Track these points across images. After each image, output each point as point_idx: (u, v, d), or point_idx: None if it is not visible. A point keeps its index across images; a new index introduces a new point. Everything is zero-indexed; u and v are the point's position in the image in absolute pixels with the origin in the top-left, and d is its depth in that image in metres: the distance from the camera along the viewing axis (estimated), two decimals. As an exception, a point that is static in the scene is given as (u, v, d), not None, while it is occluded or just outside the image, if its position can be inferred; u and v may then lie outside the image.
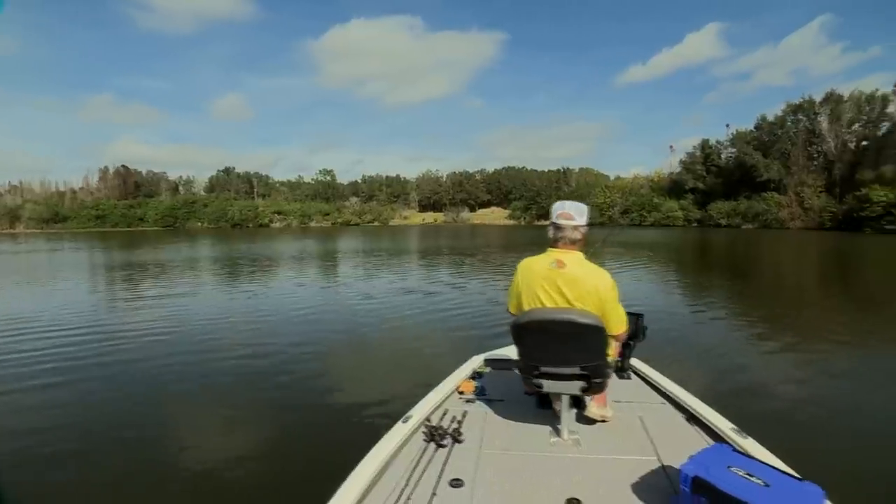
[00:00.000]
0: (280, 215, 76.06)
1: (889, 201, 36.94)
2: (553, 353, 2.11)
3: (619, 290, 2.11)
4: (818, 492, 1.43)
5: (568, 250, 2.09)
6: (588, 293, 2.01)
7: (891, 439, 3.60)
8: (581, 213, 2.12)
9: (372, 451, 1.98)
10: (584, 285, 2.02)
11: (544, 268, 2.09)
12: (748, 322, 7.84)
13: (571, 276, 2.03)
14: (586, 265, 2.08)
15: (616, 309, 2.08)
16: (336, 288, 12.00)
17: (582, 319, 1.99)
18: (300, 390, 4.79)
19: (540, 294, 2.09)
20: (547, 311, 2.06)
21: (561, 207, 2.14)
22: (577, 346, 2.04)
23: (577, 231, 2.09)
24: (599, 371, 2.07)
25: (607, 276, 2.06)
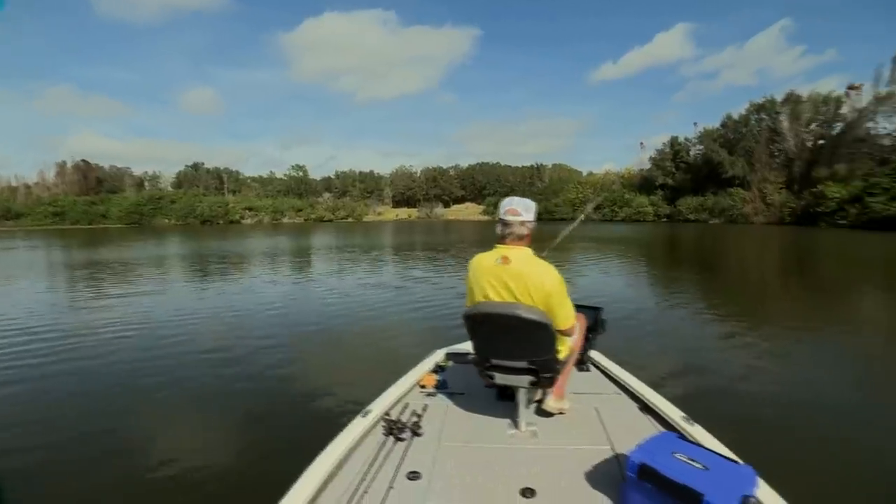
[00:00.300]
0: (251, 211, 74.20)
1: (842, 198, 38.75)
2: (502, 347, 2.15)
3: (567, 285, 2.15)
4: (751, 473, 1.52)
5: (515, 246, 2.11)
6: (534, 288, 2.04)
7: (828, 423, 3.81)
8: (528, 209, 2.13)
9: (330, 446, 1.98)
10: (529, 281, 2.04)
11: (491, 264, 2.12)
12: (708, 314, 8.12)
13: (517, 272, 2.06)
14: (533, 261, 2.10)
15: (563, 304, 2.10)
16: (306, 284, 11.88)
17: (528, 315, 2.01)
18: (263, 385, 4.75)
19: (487, 290, 2.12)
20: (495, 305, 2.08)
21: (508, 204, 2.15)
22: (524, 341, 2.08)
23: (525, 227, 2.11)
24: (547, 366, 2.10)
25: (553, 271, 2.08)
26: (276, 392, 4.57)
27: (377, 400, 2.43)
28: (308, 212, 77.40)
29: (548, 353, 2.09)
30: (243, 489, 2.88)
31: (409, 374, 2.81)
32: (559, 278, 2.08)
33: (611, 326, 3.08)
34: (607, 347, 3.20)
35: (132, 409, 4.26)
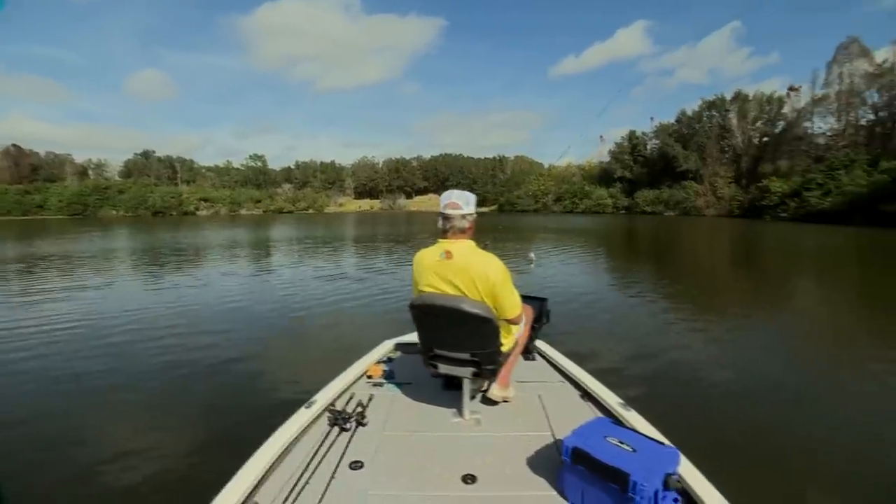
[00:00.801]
0: (207, 203, 71.37)
1: (784, 192, 41.18)
2: (445, 338, 2.17)
3: (515, 275, 2.18)
4: (675, 453, 1.60)
5: (457, 240, 2.12)
6: (479, 280, 2.05)
7: (752, 403, 4.07)
8: (468, 202, 2.14)
9: (272, 437, 1.96)
10: (473, 273, 2.05)
11: (433, 259, 2.12)
12: (656, 303, 8.44)
13: (461, 266, 2.07)
14: (475, 253, 2.11)
15: (508, 294, 2.11)
16: (261, 276, 11.60)
17: (471, 309, 2.03)
18: (210, 378, 4.64)
19: (434, 283, 2.13)
20: (440, 297, 2.10)
21: (448, 197, 2.15)
22: (467, 334, 2.09)
23: (465, 220, 2.11)
24: (490, 358, 2.13)
25: (497, 262, 2.10)
26: (223, 384, 4.48)
27: (322, 391, 2.41)
28: (267, 203, 75.30)
29: (490, 346, 2.11)
30: (185, 481, 2.85)
31: (356, 365, 2.80)
32: (503, 269, 2.09)
33: (564, 316, 3.17)
34: (558, 335, 3.28)
35: (73, 405, 4.08)
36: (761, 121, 53.76)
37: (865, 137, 44.51)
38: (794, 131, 49.75)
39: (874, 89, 44.29)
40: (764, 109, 53.43)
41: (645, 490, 1.44)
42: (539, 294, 2.98)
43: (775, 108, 52.91)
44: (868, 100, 45.04)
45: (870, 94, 44.82)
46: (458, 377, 2.26)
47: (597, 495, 1.57)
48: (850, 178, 35.23)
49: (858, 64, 45.23)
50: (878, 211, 29.42)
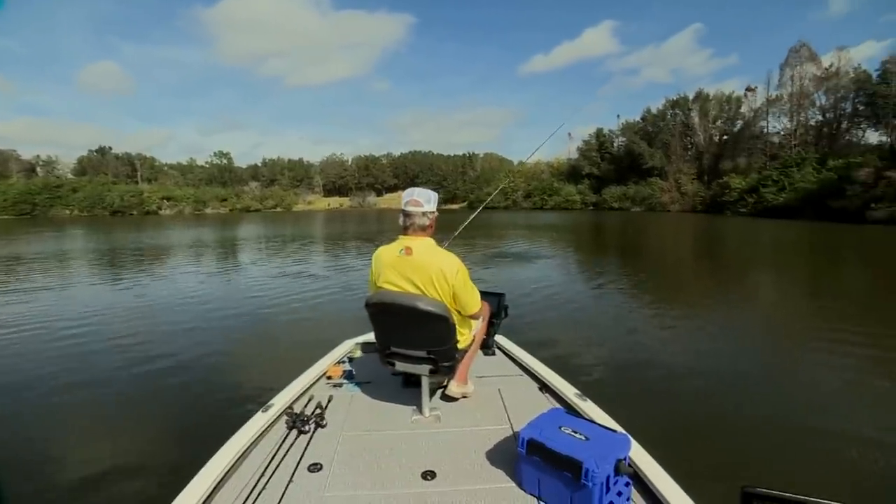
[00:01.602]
0: (170, 201, 68.70)
1: (742, 188, 42.93)
2: (401, 335, 2.17)
3: (469, 272, 2.19)
4: (626, 439, 1.65)
5: (417, 237, 2.13)
6: (437, 277, 2.06)
7: (706, 388, 4.28)
8: (429, 200, 2.15)
9: (228, 442, 1.91)
10: (430, 270, 2.07)
11: (393, 256, 2.13)
12: (616, 294, 8.71)
13: (419, 263, 2.08)
14: (434, 251, 2.12)
15: (466, 291, 2.13)
16: (223, 277, 11.34)
17: (427, 307, 2.03)
18: (168, 382, 4.53)
19: (393, 280, 2.13)
20: (394, 295, 2.10)
21: (410, 195, 2.16)
22: (423, 332, 2.10)
23: (426, 217, 2.13)
24: (446, 356, 2.13)
25: (455, 260, 2.11)
26: (180, 389, 4.38)
27: (280, 393, 2.38)
28: (234, 201, 73.14)
29: (446, 344, 2.11)
30: (139, 489, 2.79)
31: (316, 366, 2.76)
32: (461, 266, 2.11)
33: (527, 309, 3.21)
34: (522, 329, 3.32)
35: (24, 411, 3.95)
36: (721, 120, 55.85)
37: (815, 137, 46.96)
38: (751, 130, 51.98)
39: (822, 91, 46.72)
40: (723, 109, 55.52)
41: (597, 476, 1.48)
42: (497, 289, 3.01)
43: (734, 108, 55.09)
44: (816, 101, 47.51)
45: (818, 96, 47.29)
46: (417, 375, 2.26)
47: (552, 484, 1.60)
48: (802, 175, 37.14)
49: (807, 67, 47.62)
50: (826, 206, 31.07)
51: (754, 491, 1.08)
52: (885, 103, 39.59)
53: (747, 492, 1.09)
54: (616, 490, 1.55)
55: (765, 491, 1.07)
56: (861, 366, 4.97)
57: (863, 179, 29.80)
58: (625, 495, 1.58)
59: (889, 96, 39.12)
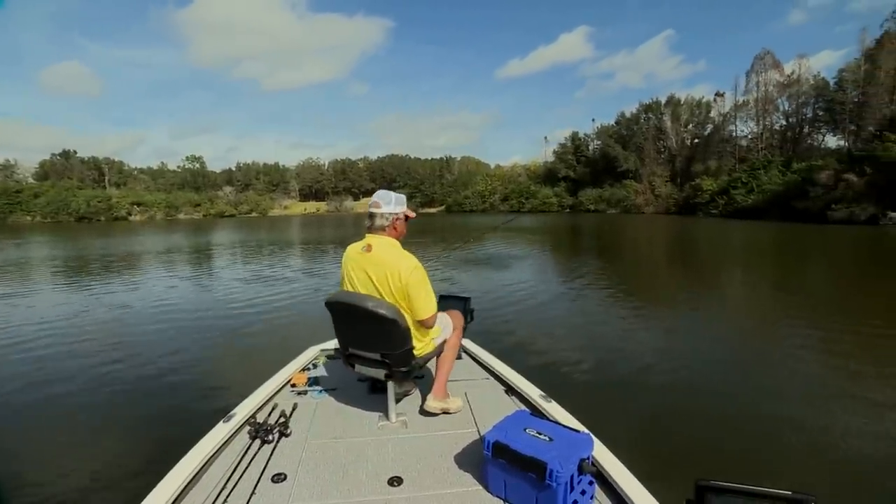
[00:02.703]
0: (141, 207, 66.75)
1: (713, 190, 44.21)
2: (357, 336, 2.16)
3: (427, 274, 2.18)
4: (589, 438, 1.68)
5: (379, 236, 2.17)
6: (390, 275, 2.07)
7: (668, 385, 4.37)
8: (389, 202, 2.18)
9: (187, 455, 1.85)
10: (386, 268, 2.08)
11: (356, 252, 2.18)
12: (584, 296, 8.83)
13: (377, 260, 2.11)
14: (393, 250, 2.13)
15: (421, 293, 2.11)
16: (190, 283, 11.10)
17: (376, 309, 2.01)
18: (127, 393, 4.39)
19: (353, 277, 2.18)
20: (348, 295, 2.12)
21: (374, 196, 2.22)
22: (375, 333, 2.08)
23: (385, 218, 2.16)
24: (399, 361, 2.09)
25: (411, 260, 2.12)
26: (141, 399, 4.25)
27: (242, 403, 2.32)
28: (207, 207, 71.57)
29: (399, 348, 2.07)
30: (99, 502, 2.71)
31: (280, 374, 2.71)
32: (418, 268, 2.11)
33: (497, 312, 3.22)
34: (491, 333, 3.33)
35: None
36: (692, 124, 57.49)
37: (779, 141, 48.77)
38: (720, 134, 53.59)
39: (785, 97, 48.60)
40: (694, 113, 57.18)
41: (561, 476, 1.49)
42: (463, 293, 3.01)
43: (704, 112, 56.77)
44: (780, 107, 49.34)
45: (781, 102, 49.15)
46: (383, 381, 2.23)
47: (517, 485, 1.61)
48: (769, 177, 38.48)
49: (771, 74, 49.43)
50: (791, 207, 32.24)
51: (707, 483, 1.12)
52: (841, 109, 41.39)
53: (701, 485, 1.13)
54: (580, 489, 1.57)
55: (717, 483, 1.11)
56: (815, 358, 5.20)
57: (823, 182, 31.07)
58: (588, 494, 1.60)
59: (845, 103, 40.92)
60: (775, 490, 1.06)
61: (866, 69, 38.31)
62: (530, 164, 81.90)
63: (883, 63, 36.37)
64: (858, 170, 29.01)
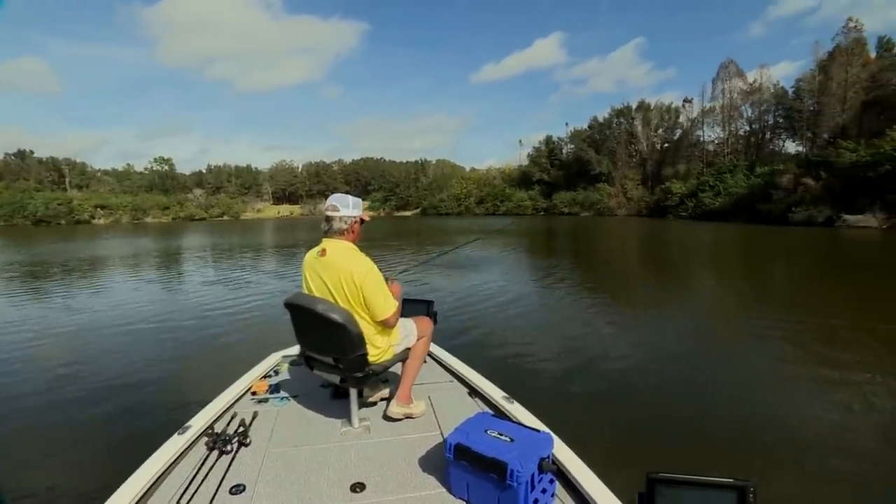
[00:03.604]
0: (105, 210, 64.38)
1: (683, 193, 45.50)
2: (312, 340, 2.14)
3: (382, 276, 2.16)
4: (549, 438, 1.69)
5: (335, 240, 2.14)
6: (345, 279, 2.06)
7: (624, 384, 4.49)
8: (346, 205, 2.16)
9: (141, 467, 1.78)
10: (340, 272, 2.06)
11: (313, 257, 2.17)
12: (550, 297, 8.95)
13: (331, 264, 2.09)
14: (347, 253, 2.11)
15: (377, 295, 2.08)
16: (154, 288, 10.78)
17: (327, 313, 1.99)
18: (77, 406, 4.19)
19: (310, 282, 2.16)
20: (302, 297, 2.11)
21: (330, 200, 2.20)
22: (328, 338, 2.06)
23: (343, 221, 2.14)
24: (352, 366, 2.06)
25: (366, 263, 2.09)
26: (94, 410, 4.06)
27: (199, 413, 2.25)
28: (177, 210, 69.63)
29: (351, 353, 2.04)
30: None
31: (239, 382, 2.65)
32: (371, 270, 2.08)
33: (461, 315, 3.22)
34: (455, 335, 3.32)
35: None
36: (662, 128, 59.11)
37: (744, 146, 50.65)
38: (689, 139, 55.34)
39: (748, 104, 50.55)
40: (664, 118, 58.82)
41: (522, 476, 1.51)
42: (426, 297, 3.00)
43: (673, 118, 58.48)
44: (744, 113, 51.32)
45: (745, 109, 51.11)
46: (345, 386, 2.21)
47: (480, 486, 1.62)
48: (735, 181, 39.84)
49: (735, 82, 51.36)
50: (755, 210, 33.50)
51: (657, 476, 1.16)
52: (799, 117, 43.34)
53: (651, 478, 1.16)
54: (541, 487, 1.58)
55: (666, 475, 1.15)
56: (768, 352, 5.42)
57: (784, 185, 32.40)
58: (549, 492, 1.62)
59: (802, 111, 42.89)
60: (718, 479, 1.12)
61: (820, 80, 40.21)
62: (505, 167, 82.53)
63: (834, 75, 38.29)
64: (815, 174, 30.35)
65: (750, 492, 1.08)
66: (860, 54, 38.22)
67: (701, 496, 1.13)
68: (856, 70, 37.29)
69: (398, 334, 2.26)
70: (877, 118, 33.74)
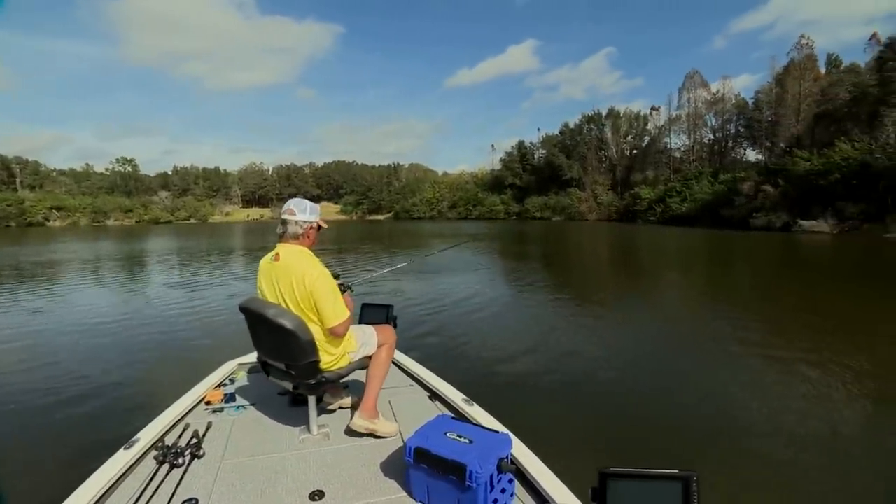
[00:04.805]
0: (61, 212, 61.49)
1: (651, 199, 46.86)
2: (265, 345, 2.11)
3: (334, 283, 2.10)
4: (508, 438, 1.71)
5: (290, 244, 2.12)
6: (296, 283, 2.03)
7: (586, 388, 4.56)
8: (303, 210, 2.14)
9: (84, 484, 1.68)
10: (292, 276, 2.03)
11: (267, 262, 2.14)
12: (512, 300, 9.07)
13: (283, 268, 2.07)
14: (301, 258, 2.08)
15: (328, 301, 2.02)
16: (107, 293, 10.40)
17: (276, 318, 1.96)
18: (16, 415, 3.95)
19: (264, 287, 2.13)
20: (254, 301, 2.08)
21: (287, 204, 2.18)
22: (279, 343, 2.02)
23: (299, 226, 2.12)
24: (305, 373, 2.02)
25: (318, 268, 2.05)
26: (34, 425, 3.79)
27: (150, 425, 2.16)
28: (141, 212, 67.21)
29: (301, 360, 1.99)
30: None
31: (192, 392, 2.56)
32: (323, 275, 2.04)
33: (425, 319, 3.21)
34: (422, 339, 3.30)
35: None
36: (631, 135, 60.74)
37: (708, 153, 52.65)
38: (656, 145, 57.15)
39: (712, 114, 52.58)
40: (632, 125, 60.51)
41: (481, 476, 1.52)
42: (385, 301, 2.95)
43: (641, 125, 60.26)
44: (708, 122, 53.38)
45: (709, 118, 53.13)
46: (302, 393, 2.16)
47: (440, 489, 1.62)
48: (700, 187, 41.34)
49: (700, 92, 53.38)
50: (719, 215, 34.83)
51: (608, 471, 1.19)
52: (758, 127, 45.42)
53: (603, 472, 1.19)
54: (500, 487, 1.59)
55: (616, 469, 1.19)
56: (722, 349, 5.67)
57: (746, 192, 33.82)
58: (508, 491, 1.63)
59: (761, 121, 44.97)
60: (664, 471, 1.17)
61: (777, 92, 42.24)
62: (477, 171, 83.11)
63: (789, 88, 40.34)
64: (774, 182, 31.82)
65: (693, 481, 1.14)
66: (812, 69, 40.44)
67: (649, 487, 1.18)
68: (808, 84, 39.41)
69: (354, 342, 2.19)
70: (827, 130, 35.71)
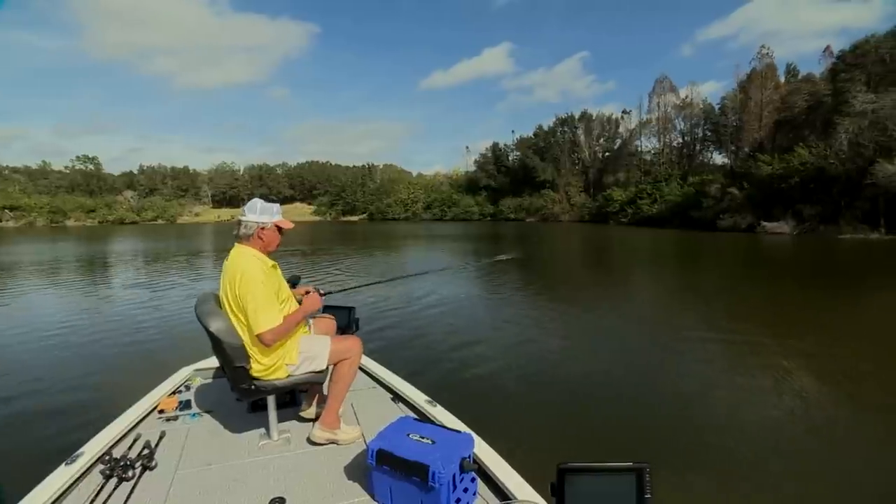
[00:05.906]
0: (16, 212, 58.64)
1: (622, 200, 47.88)
2: (212, 346, 2.07)
3: (268, 287, 2.02)
4: (470, 438, 1.72)
5: (240, 245, 2.11)
6: (229, 286, 2.01)
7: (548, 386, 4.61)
8: (254, 210, 2.11)
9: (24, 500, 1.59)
10: (229, 277, 2.02)
11: (224, 263, 2.14)
12: (479, 300, 9.11)
13: (225, 268, 2.08)
14: (241, 259, 2.03)
15: (253, 305, 1.93)
16: (56, 297, 10.00)
17: (203, 317, 1.95)
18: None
19: (220, 288, 2.12)
20: (199, 300, 2.09)
21: (246, 205, 2.17)
22: (213, 344, 1.99)
23: (247, 227, 2.10)
24: (237, 377, 1.98)
25: (252, 271, 1.97)
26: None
27: (95, 438, 2.04)
28: (104, 212, 64.71)
29: (231, 363, 1.95)
30: None
31: (143, 400, 2.45)
32: (252, 279, 1.95)
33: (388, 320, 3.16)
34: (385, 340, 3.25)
35: None
36: (603, 138, 62.04)
37: (677, 157, 54.21)
38: (628, 148, 58.50)
39: (681, 118, 54.24)
40: (605, 128, 61.81)
41: (443, 476, 1.51)
42: (347, 303, 2.88)
43: (613, 128, 61.58)
44: (677, 126, 55.00)
45: (678, 122, 54.78)
46: (263, 398, 2.12)
47: (403, 490, 1.61)
48: (670, 189, 42.53)
49: (669, 97, 54.99)
50: (688, 216, 35.94)
51: (566, 466, 1.21)
52: (724, 131, 47.05)
53: (561, 468, 1.22)
54: (462, 487, 1.59)
55: (574, 465, 1.22)
56: (683, 347, 5.83)
57: (713, 194, 34.98)
58: (471, 490, 1.63)
59: (727, 126, 46.62)
60: (619, 464, 1.21)
61: (741, 99, 43.86)
62: (452, 173, 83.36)
63: (752, 95, 42.00)
64: (739, 184, 33.03)
65: (646, 472, 1.18)
66: (772, 78, 42.22)
67: (605, 480, 1.22)
68: (769, 92, 41.13)
69: (295, 354, 2.07)
70: (787, 136, 37.30)
